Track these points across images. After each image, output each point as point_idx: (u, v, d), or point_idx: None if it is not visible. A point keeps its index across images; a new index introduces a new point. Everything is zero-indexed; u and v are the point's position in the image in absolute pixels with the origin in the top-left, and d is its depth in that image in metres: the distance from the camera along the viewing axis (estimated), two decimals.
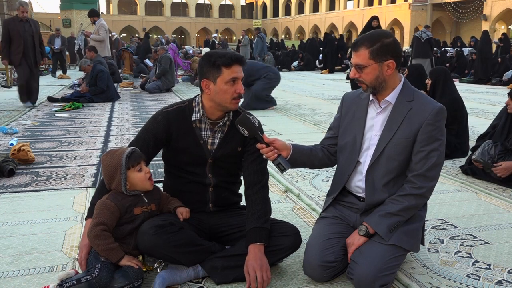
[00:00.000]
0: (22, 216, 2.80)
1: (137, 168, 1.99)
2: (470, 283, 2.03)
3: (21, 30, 7.37)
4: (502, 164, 3.42)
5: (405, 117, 1.95)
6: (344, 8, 42.62)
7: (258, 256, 1.94)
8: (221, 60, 1.98)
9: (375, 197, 2.01)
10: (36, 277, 2.06)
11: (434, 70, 4.66)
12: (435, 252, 2.33)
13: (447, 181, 3.57)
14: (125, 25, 46.57)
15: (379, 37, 1.93)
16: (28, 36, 7.46)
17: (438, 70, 4.67)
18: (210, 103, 2.06)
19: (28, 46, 7.46)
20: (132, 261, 1.92)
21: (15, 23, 7.45)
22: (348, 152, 2.09)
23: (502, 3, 28.62)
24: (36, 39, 7.57)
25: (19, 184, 3.47)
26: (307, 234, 2.35)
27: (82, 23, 20.68)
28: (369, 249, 1.90)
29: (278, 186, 3.44)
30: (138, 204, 2.01)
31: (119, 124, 6.20)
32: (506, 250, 2.37)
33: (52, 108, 7.60)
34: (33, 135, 5.38)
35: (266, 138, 1.99)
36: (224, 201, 2.21)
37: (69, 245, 2.40)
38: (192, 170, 2.14)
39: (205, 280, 2.03)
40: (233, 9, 54.59)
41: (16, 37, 7.37)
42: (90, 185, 3.46)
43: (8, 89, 10.81)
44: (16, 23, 7.44)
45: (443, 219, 2.80)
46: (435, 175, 1.96)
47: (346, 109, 2.15)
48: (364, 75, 1.95)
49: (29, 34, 7.47)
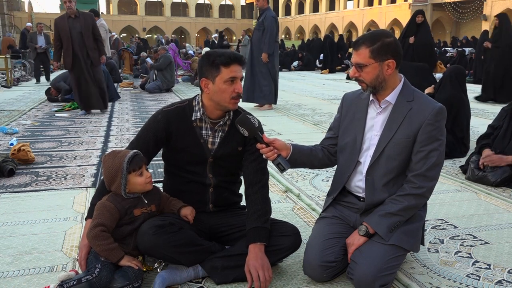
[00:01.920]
0: (22, 216, 2.80)
1: (138, 172, 1.99)
2: (470, 283, 2.03)
3: (68, 28, 6.61)
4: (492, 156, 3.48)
5: (405, 117, 1.95)
6: (344, 8, 42.60)
7: (259, 256, 1.94)
8: (220, 59, 1.98)
9: (375, 197, 2.01)
10: (36, 277, 2.06)
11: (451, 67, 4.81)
12: (435, 252, 2.33)
13: (447, 181, 3.57)
14: (125, 25, 46.56)
15: (379, 37, 1.93)
16: (76, 33, 6.63)
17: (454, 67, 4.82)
18: (210, 102, 2.06)
19: (77, 46, 6.63)
20: (132, 261, 1.92)
21: (63, 21, 6.66)
22: (348, 152, 2.09)
23: (502, 3, 28.61)
24: (86, 36, 6.66)
25: (19, 184, 3.47)
26: (307, 234, 2.35)
27: None
28: (369, 249, 1.90)
29: (278, 186, 3.43)
30: (138, 205, 2.01)
31: (119, 124, 6.20)
32: (506, 250, 2.37)
33: (52, 108, 7.60)
34: (33, 135, 5.38)
35: (266, 138, 1.99)
36: (224, 201, 2.21)
37: (69, 245, 2.40)
38: (192, 169, 2.14)
39: (205, 280, 2.03)
40: (233, 9, 54.58)
41: (64, 38, 6.62)
42: (90, 185, 3.46)
43: (8, 89, 10.80)
44: (64, 21, 6.65)
45: (443, 219, 2.79)
46: (435, 175, 1.96)
47: (346, 109, 2.15)
48: (364, 74, 1.95)
49: (77, 31, 6.63)
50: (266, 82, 7.39)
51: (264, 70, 7.36)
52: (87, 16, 6.83)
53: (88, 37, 6.67)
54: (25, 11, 37.24)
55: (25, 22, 21.52)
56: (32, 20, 21.69)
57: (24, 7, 43.76)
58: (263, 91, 7.42)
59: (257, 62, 7.38)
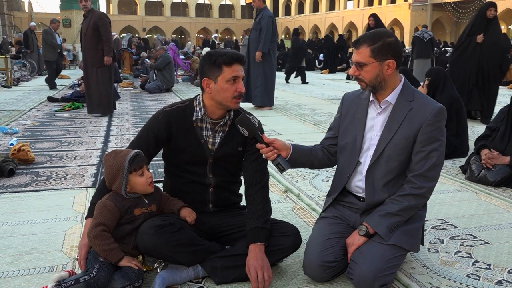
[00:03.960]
0: (22, 216, 2.80)
1: (139, 172, 1.99)
2: (470, 283, 2.03)
3: (81, 28, 6.56)
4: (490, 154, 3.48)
5: (405, 118, 1.95)
6: (344, 8, 42.61)
7: (259, 256, 1.94)
8: (222, 59, 1.99)
9: (375, 197, 2.01)
10: (36, 277, 2.06)
11: (432, 70, 4.69)
12: (435, 252, 2.33)
13: (447, 181, 3.57)
14: (125, 25, 46.54)
15: (381, 36, 1.93)
16: (83, 33, 6.55)
17: (437, 69, 4.71)
18: (211, 102, 2.06)
19: (83, 46, 6.59)
20: (132, 262, 1.92)
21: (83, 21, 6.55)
22: (348, 152, 2.09)
23: (502, 3, 28.60)
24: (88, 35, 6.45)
25: (19, 184, 3.47)
26: (307, 234, 2.35)
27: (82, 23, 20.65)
28: (369, 249, 1.90)
29: (278, 186, 3.43)
30: (138, 205, 2.01)
31: (119, 124, 6.20)
32: (506, 250, 2.37)
33: (52, 108, 7.60)
34: (33, 135, 5.38)
35: (266, 138, 1.99)
36: (224, 201, 2.21)
37: (69, 245, 2.40)
38: (192, 169, 2.14)
39: (205, 280, 2.03)
40: (233, 9, 54.57)
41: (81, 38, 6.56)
42: (90, 185, 3.46)
43: (8, 89, 10.80)
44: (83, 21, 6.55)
45: (443, 219, 2.79)
46: (435, 175, 1.96)
47: (346, 109, 2.15)
48: (364, 73, 1.95)
49: (84, 31, 6.53)
50: (258, 84, 7.38)
51: (259, 71, 7.34)
52: (95, 15, 6.56)
53: (90, 36, 6.48)
54: (25, 11, 37.25)
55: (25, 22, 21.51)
56: (32, 20, 21.66)
57: (24, 7, 43.78)
58: (255, 93, 7.44)
59: (253, 62, 7.37)
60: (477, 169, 3.54)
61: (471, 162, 3.65)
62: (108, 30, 6.53)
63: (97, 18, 6.49)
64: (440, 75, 4.42)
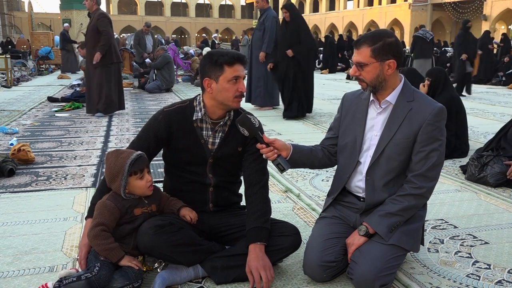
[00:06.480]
0: (22, 216, 2.80)
1: (139, 175, 1.98)
2: (470, 283, 2.03)
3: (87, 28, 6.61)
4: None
5: (405, 117, 1.95)
6: (344, 8, 42.61)
7: (260, 256, 1.94)
8: (224, 59, 1.99)
9: (375, 197, 2.01)
10: (36, 277, 2.06)
11: (433, 70, 4.69)
12: (435, 252, 2.33)
13: (447, 181, 3.57)
14: (125, 25, 46.52)
15: (381, 36, 1.93)
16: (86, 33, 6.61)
17: (437, 70, 4.71)
18: (212, 102, 2.06)
19: (86, 45, 6.68)
20: (132, 261, 1.92)
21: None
22: (348, 152, 2.09)
23: (502, 3, 28.61)
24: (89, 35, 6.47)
25: (19, 184, 3.47)
26: (307, 234, 2.34)
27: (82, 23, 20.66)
28: (369, 249, 1.90)
29: (278, 186, 3.43)
30: (138, 205, 2.01)
31: (119, 124, 6.20)
32: (506, 250, 2.37)
33: (52, 108, 7.59)
34: (33, 135, 5.38)
35: (266, 138, 1.99)
36: (224, 201, 2.21)
37: (69, 245, 2.40)
38: (192, 169, 2.14)
39: (205, 280, 2.03)
40: (233, 9, 54.58)
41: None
42: (90, 185, 3.45)
43: (8, 89, 10.80)
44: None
45: (443, 219, 2.79)
46: (435, 175, 1.96)
47: (346, 109, 2.15)
48: (365, 73, 1.95)
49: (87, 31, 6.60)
50: (260, 84, 7.38)
51: (261, 71, 7.33)
52: (97, 14, 6.51)
53: (90, 36, 6.48)
54: (25, 11, 37.24)
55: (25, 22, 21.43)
56: (32, 20, 21.64)
57: (24, 7, 43.77)
58: (256, 93, 7.43)
59: (256, 62, 7.37)
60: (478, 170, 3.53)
61: (471, 162, 3.65)
62: (105, 25, 6.44)
63: (96, 18, 6.50)
64: (440, 76, 4.42)
